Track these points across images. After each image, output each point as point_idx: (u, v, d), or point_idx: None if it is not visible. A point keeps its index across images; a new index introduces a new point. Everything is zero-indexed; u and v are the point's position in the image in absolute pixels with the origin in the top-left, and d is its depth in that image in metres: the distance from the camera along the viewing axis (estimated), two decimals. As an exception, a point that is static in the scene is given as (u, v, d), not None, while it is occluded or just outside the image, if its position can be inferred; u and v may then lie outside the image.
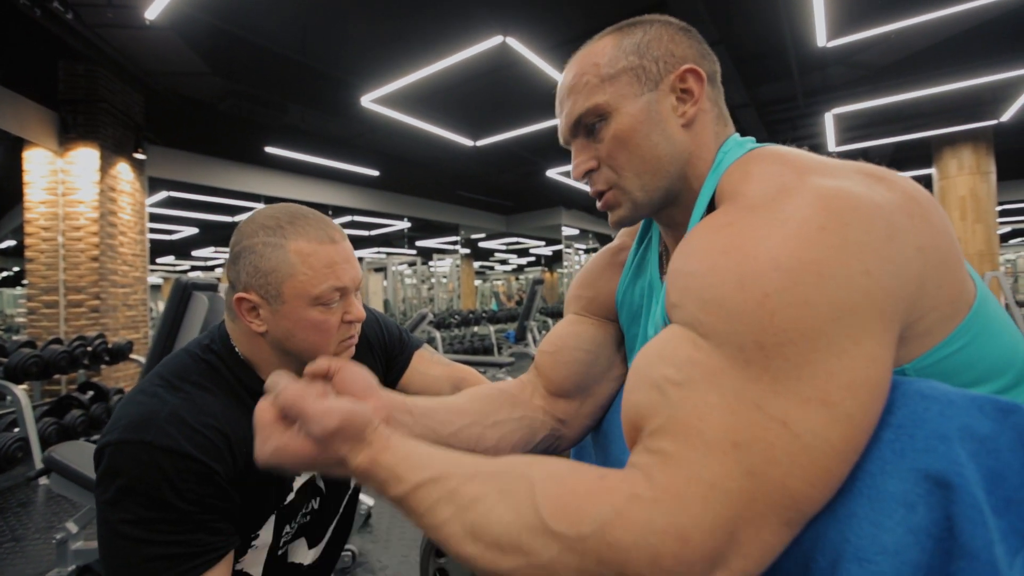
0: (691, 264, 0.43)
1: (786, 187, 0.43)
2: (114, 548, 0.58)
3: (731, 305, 0.39)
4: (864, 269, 0.38)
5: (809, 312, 0.37)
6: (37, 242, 4.15)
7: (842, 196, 0.41)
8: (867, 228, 0.39)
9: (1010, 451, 0.35)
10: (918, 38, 4.15)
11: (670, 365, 0.41)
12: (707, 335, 0.40)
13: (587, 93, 0.55)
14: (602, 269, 0.76)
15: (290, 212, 0.71)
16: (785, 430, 0.36)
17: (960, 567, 0.33)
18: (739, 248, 0.41)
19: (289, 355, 0.71)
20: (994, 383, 0.43)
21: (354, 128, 5.84)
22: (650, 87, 0.54)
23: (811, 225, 0.39)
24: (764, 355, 0.37)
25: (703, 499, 0.36)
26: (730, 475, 0.36)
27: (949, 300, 0.42)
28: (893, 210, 0.41)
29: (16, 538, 2.02)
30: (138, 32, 3.76)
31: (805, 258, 0.38)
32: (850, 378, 0.36)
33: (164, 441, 0.59)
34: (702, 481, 0.36)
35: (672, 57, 0.55)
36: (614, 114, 0.54)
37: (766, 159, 0.49)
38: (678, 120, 0.55)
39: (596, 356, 0.73)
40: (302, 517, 0.78)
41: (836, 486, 0.37)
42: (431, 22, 3.80)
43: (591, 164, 0.57)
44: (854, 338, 0.37)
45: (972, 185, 6.12)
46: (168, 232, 10.37)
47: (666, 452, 0.39)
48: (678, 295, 0.44)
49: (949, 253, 0.43)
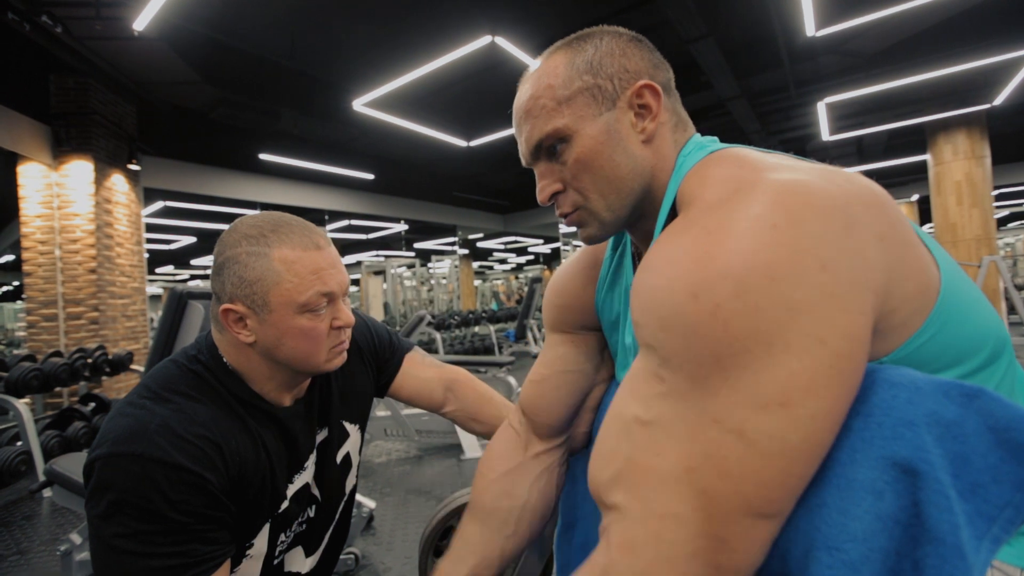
0: (650, 279, 0.43)
1: (740, 187, 0.43)
2: (108, 562, 0.58)
3: (686, 320, 0.38)
4: (820, 264, 0.36)
5: (762, 317, 0.36)
6: (34, 256, 4.16)
7: (795, 190, 0.40)
8: (823, 220, 0.38)
9: (976, 435, 0.36)
10: (909, 24, 4.14)
11: (640, 403, 0.42)
12: (668, 358, 0.40)
13: (545, 117, 0.55)
14: (575, 275, 0.76)
15: (272, 220, 0.70)
16: (739, 440, 0.36)
17: (927, 552, 0.34)
18: (692, 258, 0.40)
19: (279, 364, 0.71)
20: (968, 363, 0.44)
21: (347, 132, 5.84)
22: (607, 106, 0.54)
23: (762, 224, 0.38)
24: (721, 367, 0.37)
25: (655, 535, 0.36)
26: (681, 499, 0.36)
27: (917, 291, 0.42)
28: (850, 200, 0.40)
29: (21, 551, 2.03)
30: (127, 43, 3.76)
31: (755, 262, 0.37)
32: (811, 378, 0.35)
33: (155, 452, 0.59)
34: (653, 516, 0.37)
35: (626, 73, 0.54)
36: (575, 136, 0.54)
37: (724, 161, 0.49)
38: (638, 137, 0.54)
39: (583, 374, 0.75)
40: (298, 526, 0.78)
41: (800, 483, 0.37)
42: (419, 24, 3.80)
43: (556, 187, 0.56)
44: (816, 336, 0.36)
45: (967, 170, 6.11)
46: (166, 242, 10.38)
47: (618, 506, 0.39)
48: (639, 314, 0.43)
49: (908, 243, 0.43)
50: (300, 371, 0.72)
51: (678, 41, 4.00)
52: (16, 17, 3.13)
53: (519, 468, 0.75)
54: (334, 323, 0.72)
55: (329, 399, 0.82)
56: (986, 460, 0.35)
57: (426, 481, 2.51)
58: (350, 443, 0.87)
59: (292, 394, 0.76)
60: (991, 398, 0.36)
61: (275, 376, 0.72)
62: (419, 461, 2.84)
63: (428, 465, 2.75)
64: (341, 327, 0.73)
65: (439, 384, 0.97)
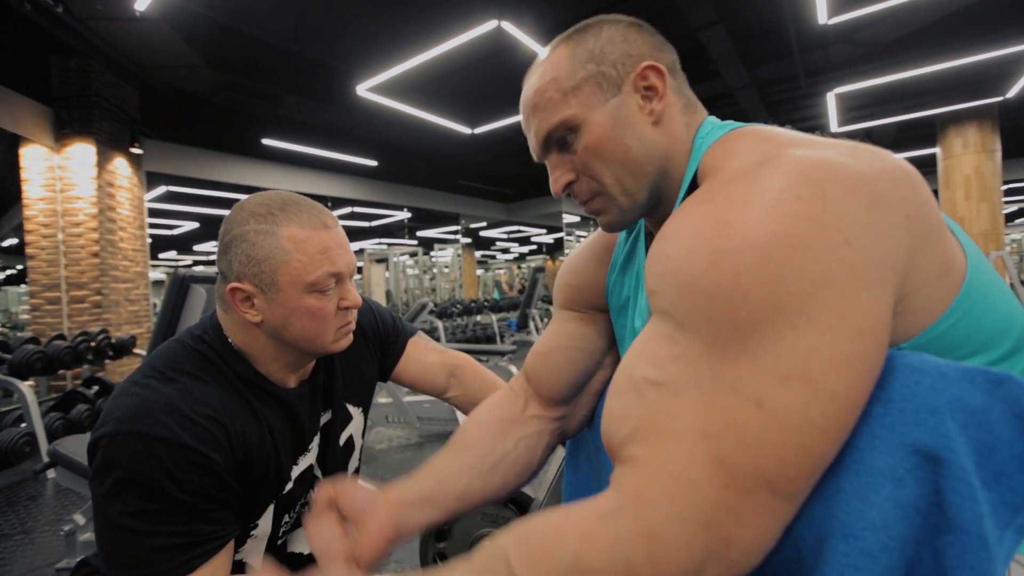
0: (668, 247, 0.42)
1: (766, 159, 0.42)
2: (113, 541, 0.58)
3: (705, 286, 0.38)
4: (843, 239, 0.36)
5: (784, 288, 0.35)
6: (37, 239, 4.16)
7: (821, 165, 0.39)
8: (847, 196, 0.37)
9: (1001, 423, 0.35)
10: (921, 13, 4.07)
11: (651, 364, 0.41)
12: (684, 323, 0.40)
13: (552, 109, 0.54)
14: (590, 257, 0.75)
15: (280, 199, 0.69)
16: (759, 410, 0.35)
17: (949, 541, 0.33)
18: (714, 226, 0.39)
19: (285, 344, 0.70)
20: (991, 352, 0.43)
21: (351, 118, 5.80)
22: (613, 92, 0.53)
23: (787, 196, 0.38)
24: (740, 335, 0.36)
25: (669, 494, 0.36)
26: (696, 465, 0.36)
27: (940, 274, 0.41)
28: (877, 178, 0.39)
29: (26, 531, 2.05)
30: (129, 24, 3.72)
31: (779, 232, 0.36)
32: (833, 353, 0.35)
33: (161, 432, 0.59)
34: (667, 475, 0.36)
35: (629, 57, 0.54)
36: (584, 125, 0.54)
37: (749, 135, 0.49)
38: (647, 119, 0.54)
39: (588, 352, 0.73)
40: (301, 507, 0.78)
41: (819, 463, 0.36)
42: (425, 7, 3.75)
43: (569, 177, 0.56)
44: (838, 311, 0.35)
45: (977, 164, 6.05)
46: (169, 227, 10.38)
47: (635, 457, 0.39)
48: (656, 280, 0.43)
49: (936, 225, 0.42)
50: (306, 352, 0.72)
51: (687, 28, 3.95)
52: (17, -4, 3.09)
53: (512, 419, 0.73)
54: (341, 304, 0.71)
55: (333, 381, 0.82)
56: (1012, 448, 0.34)
57: (427, 467, 2.52)
58: (353, 426, 0.86)
59: (297, 375, 0.76)
60: (1018, 385, 0.35)
61: (280, 356, 0.72)
62: (420, 448, 2.85)
63: (429, 452, 2.76)
64: (348, 308, 0.72)
65: (442, 369, 0.97)
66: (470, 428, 0.72)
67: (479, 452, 0.68)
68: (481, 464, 0.67)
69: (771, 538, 0.36)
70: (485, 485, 0.66)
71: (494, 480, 0.67)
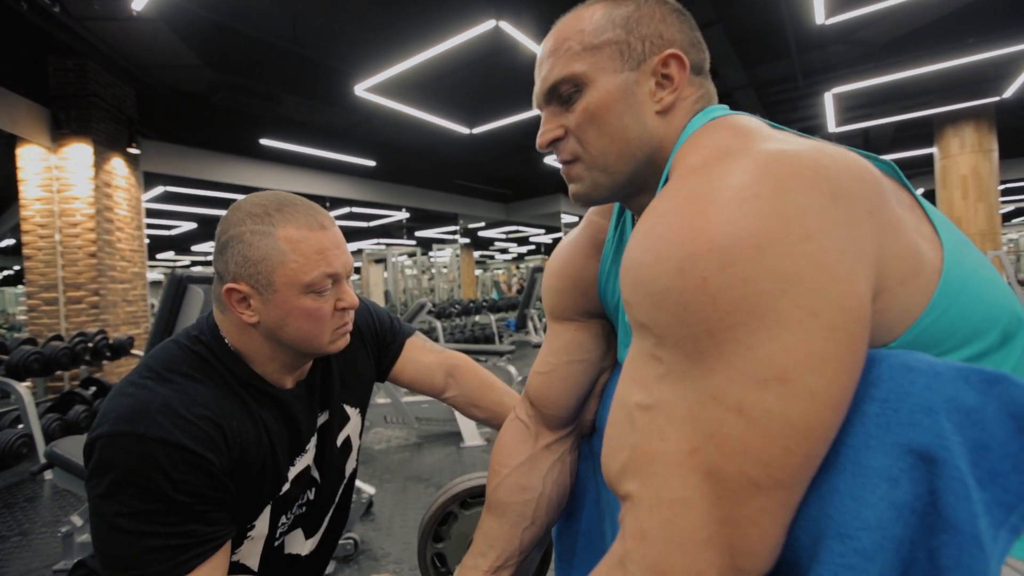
0: (637, 254, 0.41)
1: (726, 155, 0.42)
2: (110, 541, 0.58)
3: (676, 296, 0.37)
4: (806, 234, 0.35)
5: (751, 289, 0.35)
6: (34, 239, 4.15)
7: (781, 160, 0.38)
8: (808, 191, 0.36)
9: (996, 422, 0.35)
10: (919, 14, 4.08)
11: (641, 388, 0.41)
12: (664, 336, 0.39)
13: (567, 59, 0.53)
14: (574, 255, 0.74)
15: (277, 199, 0.69)
16: (740, 417, 0.35)
17: (944, 541, 0.33)
18: (676, 232, 0.38)
19: (282, 345, 0.70)
20: (978, 344, 0.42)
21: (349, 118, 5.79)
22: (631, 66, 0.52)
23: (746, 193, 0.37)
24: (716, 343, 0.36)
25: (666, 523, 0.35)
26: (688, 484, 0.35)
27: (912, 272, 0.41)
28: (840, 172, 0.38)
29: (23, 532, 2.05)
30: (126, 24, 3.71)
31: (739, 232, 0.35)
32: (808, 351, 0.34)
33: (157, 432, 0.58)
34: (662, 504, 0.36)
35: (660, 39, 0.53)
36: (589, 86, 0.53)
37: (720, 129, 0.48)
38: (654, 105, 0.53)
39: (590, 362, 0.73)
40: (298, 508, 0.78)
41: (806, 463, 0.35)
42: (423, 7, 3.75)
43: (558, 132, 0.55)
44: (808, 308, 0.34)
45: (974, 163, 6.07)
46: (167, 227, 10.36)
47: (631, 495, 0.39)
48: (630, 291, 0.42)
49: (898, 226, 0.42)
50: (303, 352, 0.72)
51: (685, 28, 3.95)
52: (13, -4, 3.08)
53: (531, 460, 0.74)
54: (338, 304, 0.71)
55: (330, 382, 0.82)
56: (1006, 448, 0.34)
57: (425, 468, 2.52)
58: (350, 426, 0.86)
59: (294, 376, 0.75)
60: (1012, 384, 0.35)
61: (277, 357, 0.72)
62: (418, 448, 2.85)
63: (427, 452, 2.76)
64: (345, 308, 0.72)
65: (440, 369, 0.96)
66: (500, 490, 0.75)
67: (518, 511, 0.73)
68: (524, 518, 0.73)
69: (776, 540, 0.36)
70: (535, 531, 0.73)
71: (539, 522, 0.74)
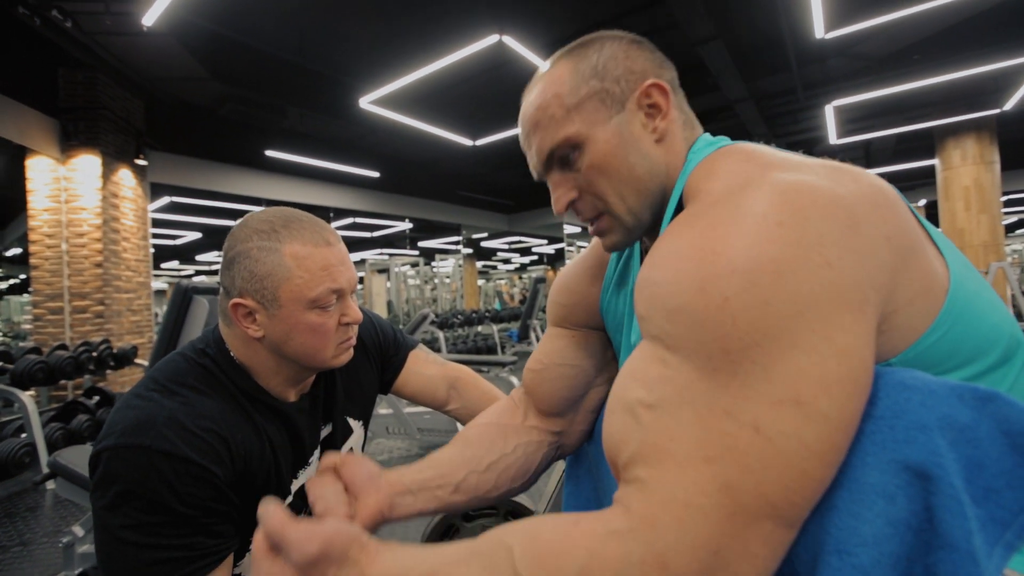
0: (655, 273, 0.43)
1: (747, 183, 0.43)
2: (114, 553, 0.58)
3: (694, 313, 0.38)
4: (824, 261, 0.37)
5: (770, 312, 0.36)
6: (41, 249, 4.19)
7: (801, 189, 0.40)
8: (827, 219, 0.38)
9: (989, 440, 0.35)
10: (918, 27, 4.12)
11: (642, 387, 0.41)
12: (675, 348, 0.40)
13: (555, 126, 0.54)
14: (581, 275, 0.75)
15: (284, 215, 0.71)
16: (757, 436, 0.35)
17: (939, 557, 0.33)
18: (699, 253, 0.40)
19: (286, 359, 0.71)
20: (979, 364, 0.43)
21: (353, 130, 5.85)
22: (617, 109, 0.53)
23: (769, 221, 0.38)
24: (731, 361, 0.37)
25: (678, 521, 0.36)
26: (704, 492, 0.36)
27: (923, 290, 0.42)
28: (856, 200, 0.40)
29: (24, 542, 2.04)
30: (136, 39, 3.78)
31: (762, 256, 0.37)
32: (822, 375, 0.35)
33: (163, 445, 0.59)
34: (676, 502, 0.36)
35: (632, 74, 0.54)
36: (588, 142, 0.53)
37: (732, 155, 0.49)
38: (651, 136, 0.54)
39: (581, 369, 0.73)
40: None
41: (819, 488, 0.36)
42: (427, 22, 3.81)
43: (572, 195, 0.56)
44: (823, 333, 0.36)
45: (976, 175, 6.07)
46: (172, 237, 10.43)
47: (641, 479, 0.39)
48: (645, 306, 0.43)
49: (915, 244, 0.43)
50: (307, 367, 0.73)
51: (686, 42, 3.99)
52: (26, 11, 3.15)
53: (511, 426, 0.74)
54: (342, 319, 0.72)
55: (334, 395, 0.82)
56: (1000, 465, 0.35)
57: (428, 479, 2.51)
58: (353, 439, 0.87)
59: (298, 389, 0.76)
60: (1005, 402, 0.36)
61: (281, 371, 0.72)
62: (420, 459, 2.84)
63: (430, 463, 2.75)
64: (349, 323, 0.73)
65: (443, 382, 0.97)
66: (472, 429, 0.73)
67: (478, 450, 0.69)
68: (479, 461, 0.68)
69: (774, 565, 0.36)
70: (480, 482, 0.67)
71: (489, 478, 0.67)
